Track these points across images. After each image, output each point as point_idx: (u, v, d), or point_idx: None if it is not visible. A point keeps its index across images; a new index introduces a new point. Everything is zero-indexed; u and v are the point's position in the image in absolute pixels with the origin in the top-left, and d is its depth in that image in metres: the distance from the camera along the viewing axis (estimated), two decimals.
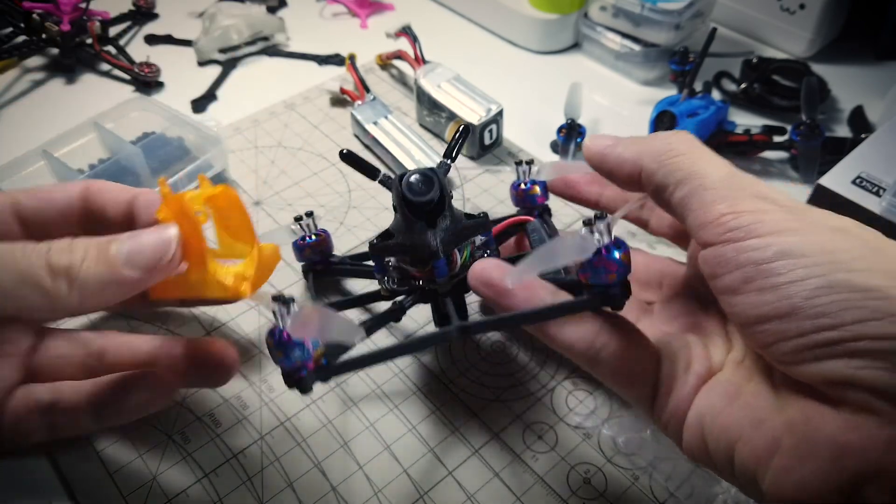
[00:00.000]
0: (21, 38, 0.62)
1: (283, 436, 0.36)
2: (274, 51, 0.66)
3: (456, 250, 0.33)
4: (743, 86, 0.58)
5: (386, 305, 0.35)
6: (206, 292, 0.29)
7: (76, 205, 0.33)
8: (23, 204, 0.32)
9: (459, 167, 0.52)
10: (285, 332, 0.26)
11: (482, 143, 0.52)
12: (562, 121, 0.51)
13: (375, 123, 0.53)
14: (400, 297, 0.35)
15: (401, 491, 0.34)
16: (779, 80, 0.58)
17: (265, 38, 0.66)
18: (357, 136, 0.55)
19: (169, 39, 0.67)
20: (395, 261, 0.34)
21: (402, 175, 0.32)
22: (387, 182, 0.35)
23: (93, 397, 0.32)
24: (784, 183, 0.51)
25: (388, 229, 0.33)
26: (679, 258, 0.35)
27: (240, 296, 0.29)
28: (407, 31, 0.57)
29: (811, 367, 0.22)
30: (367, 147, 0.54)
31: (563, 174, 0.37)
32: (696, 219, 0.25)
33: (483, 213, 0.34)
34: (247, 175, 0.52)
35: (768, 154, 0.52)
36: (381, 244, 0.33)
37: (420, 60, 0.56)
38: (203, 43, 0.64)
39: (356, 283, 0.44)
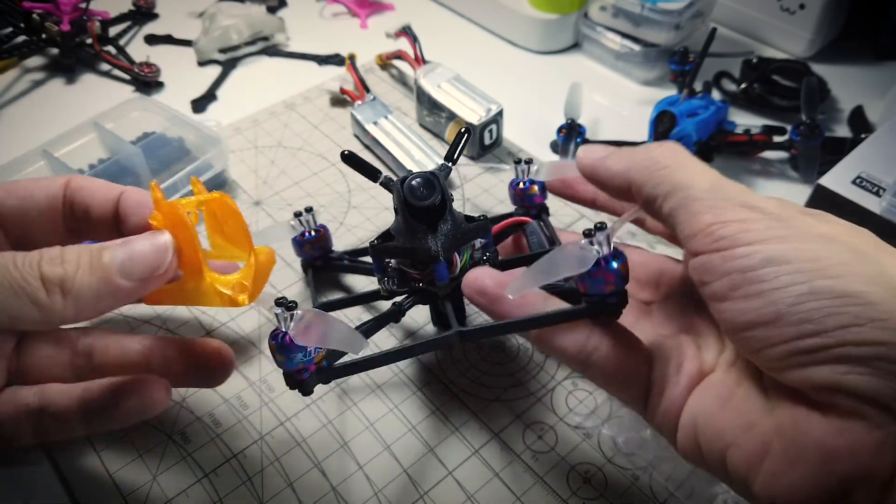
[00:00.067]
0: (21, 38, 0.62)
1: (283, 436, 0.36)
2: (274, 51, 0.66)
3: (456, 253, 0.33)
4: (743, 86, 0.58)
5: (385, 304, 0.35)
6: (203, 302, 0.29)
7: (58, 203, 0.32)
8: (1, 202, 0.31)
9: (459, 167, 0.52)
10: (288, 336, 0.26)
11: (482, 143, 0.52)
12: (562, 121, 0.52)
13: (375, 123, 0.53)
14: (399, 298, 0.35)
15: (401, 491, 0.34)
16: (779, 80, 0.58)
17: (265, 38, 0.66)
18: (357, 137, 0.55)
19: (169, 39, 0.67)
20: (394, 262, 0.34)
21: (404, 178, 0.32)
22: (388, 184, 0.35)
23: (83, 403, 0.31)
24: (784, 183, 0.51)
25: (389, 230, 0.33)
26: (677, 256, 0.35)
27: (238, 306, 0.29)
28: (407, 31, 0.57)
29: (798, 373, 0.22)
30: (367, 147, 0.54)
31: (562, 174, 0.38)
32: (684, 230, 0.25)
33: (483, 215, 0.34)
34: (247, 175, 0.52)
35: (768, 154, 0.52)
36: (382, 246, 0.33)
37: (420, 60, 0.56)
38: (203, 43, 0.64)
39: (355, 278, 0.44)
